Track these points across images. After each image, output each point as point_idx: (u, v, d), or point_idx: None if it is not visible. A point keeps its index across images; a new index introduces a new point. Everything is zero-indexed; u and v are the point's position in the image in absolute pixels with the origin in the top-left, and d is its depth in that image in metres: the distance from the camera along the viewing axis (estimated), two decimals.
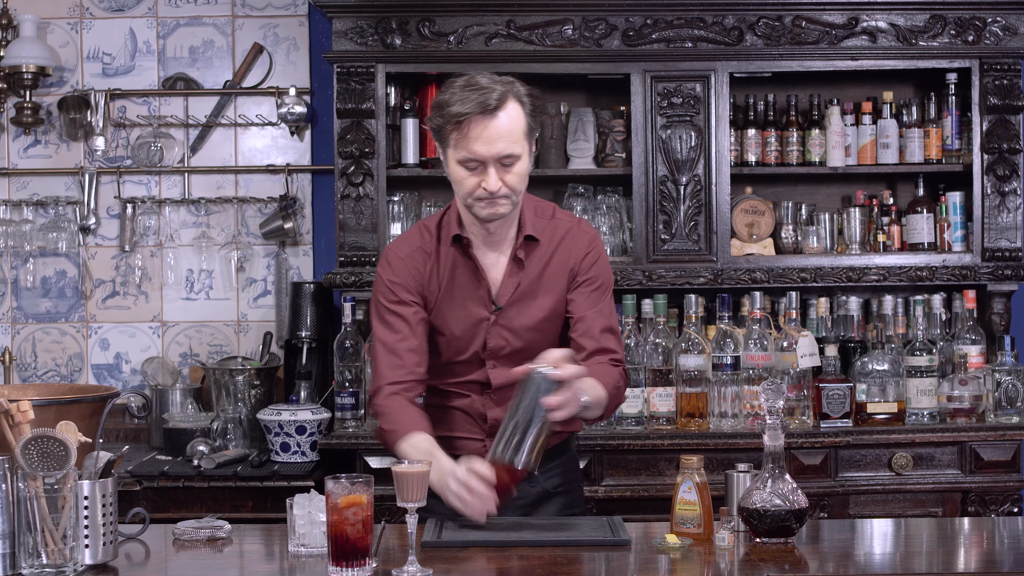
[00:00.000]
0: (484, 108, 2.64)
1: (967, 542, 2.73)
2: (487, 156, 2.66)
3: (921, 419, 4.02)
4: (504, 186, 2.68)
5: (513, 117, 2.67)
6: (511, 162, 2.67)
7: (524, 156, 2.70)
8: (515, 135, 2.67)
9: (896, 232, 4.30)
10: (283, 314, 4.45)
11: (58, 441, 2.30)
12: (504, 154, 2.66)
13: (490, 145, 2.65)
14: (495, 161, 2.66)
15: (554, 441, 2.83)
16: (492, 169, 2.67)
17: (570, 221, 2.88)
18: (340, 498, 2.30)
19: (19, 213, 4.54)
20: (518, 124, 2.68)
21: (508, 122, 2.66)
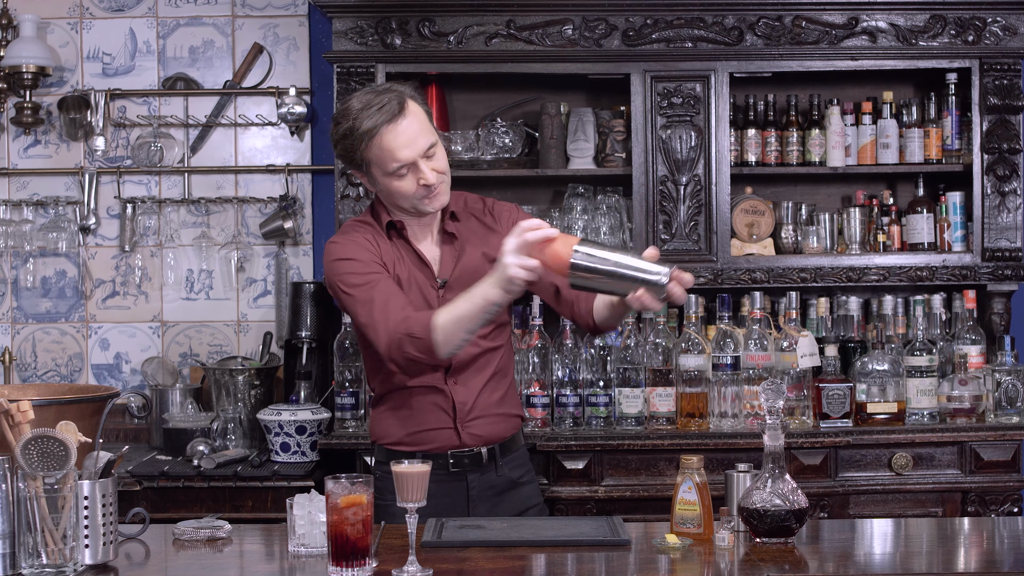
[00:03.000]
0: (390, 116, 2.76)
1: (967, 542, 2.73)
2: (413, 157, 2.78)
3: (921, 419, 4.02)
4: (437, 173, 2.81)
5: (416, 111, 2.81)
6: (433, 151, 2.80)
7: (438, 141, 2.84)
8: (425, 125, 2.81)
9: (896, 232, 4.30)
10: (283, 314, 4.45)
11: (58, 441, 2.30)
12: (425, 148, 2.78)
13: (412, 145, 2.78)
14: (423, 156, 2.79)
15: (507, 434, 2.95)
16: (422, 164, 2.79)
17: (483, 200, 3.01)
18: (340, 498, 2.30)
19: (19, 213, 4.54)
20: (422, 116, 2.82)
21: (417, 117, 2.80)
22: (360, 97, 2.82)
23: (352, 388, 4.03)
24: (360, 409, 4.04)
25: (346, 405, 4.03)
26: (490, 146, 4.29)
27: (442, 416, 2.90)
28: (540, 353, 3.97)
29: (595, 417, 3.97)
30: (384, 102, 2.77)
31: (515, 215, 2.99)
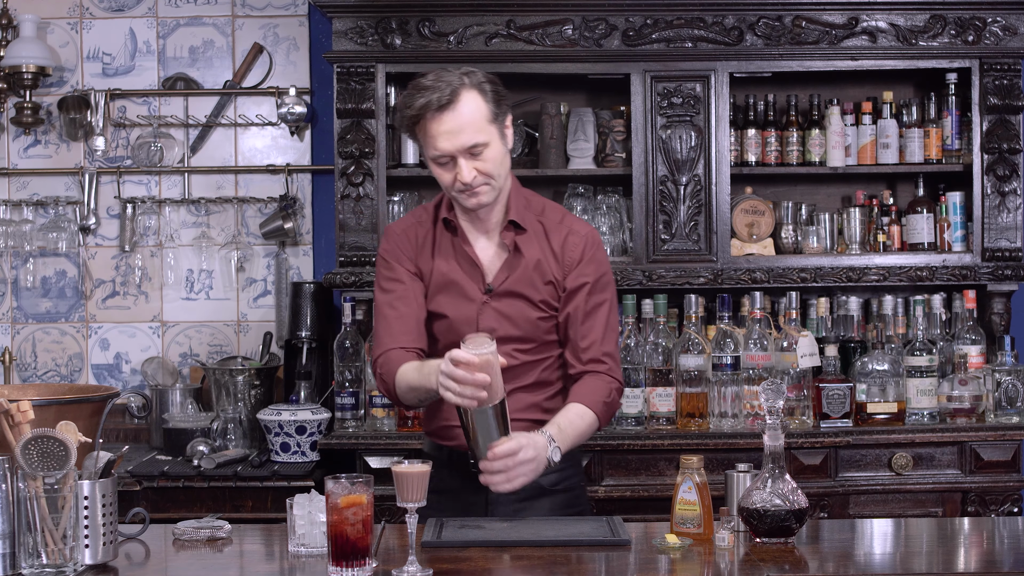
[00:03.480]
0: (438, 104, 2.68)
1: (967, 542, 2.73)
2: (452, 150, 2.71)
3: (921, 419, 4.02)
4: (479, 174, 2.73)
5: (471, 107, 2.71)
6: (480, 150, 2.72)
7: (494, 142, 2.74)
8: (477, 124, 2.71)
9: (896, 232, 4.30)
10: (283, 314, 4.45)
11: (58, 441, 2.30)
12: (469, 145, 2.70)
13: (453, 139, 2.70)
14: (463, 153, 2.71)
15: None
16: (462, 161, 2.72)
17: (561, 218, 2.89)
18: (340, 498, 2.30)
19: (19, 213, 4.54)
20: (478, 113, 2.71)
21: (467, 113, 2.70)
22: (426, 76, 2.74)
23: (352, 388, 4.03)
24: (360, 409, 4.04)
25: (346, 405, 4.02)
26: None
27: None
28: None
29: None
30: (441, 87, 2.69)
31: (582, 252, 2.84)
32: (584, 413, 2.76)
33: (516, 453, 2.59)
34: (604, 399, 2.79)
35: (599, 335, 2.83)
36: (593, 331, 2.83)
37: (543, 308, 2.85)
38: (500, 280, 2.84)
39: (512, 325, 2.83)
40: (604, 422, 2.82)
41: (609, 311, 2.87)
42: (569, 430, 2.72)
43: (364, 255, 4.12)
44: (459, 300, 2.85)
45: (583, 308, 2.83)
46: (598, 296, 2.86)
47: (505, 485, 2.60)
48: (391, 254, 2.90)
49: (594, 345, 2.83)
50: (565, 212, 2.93)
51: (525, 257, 2.84)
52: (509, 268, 2.84)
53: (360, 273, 4.11)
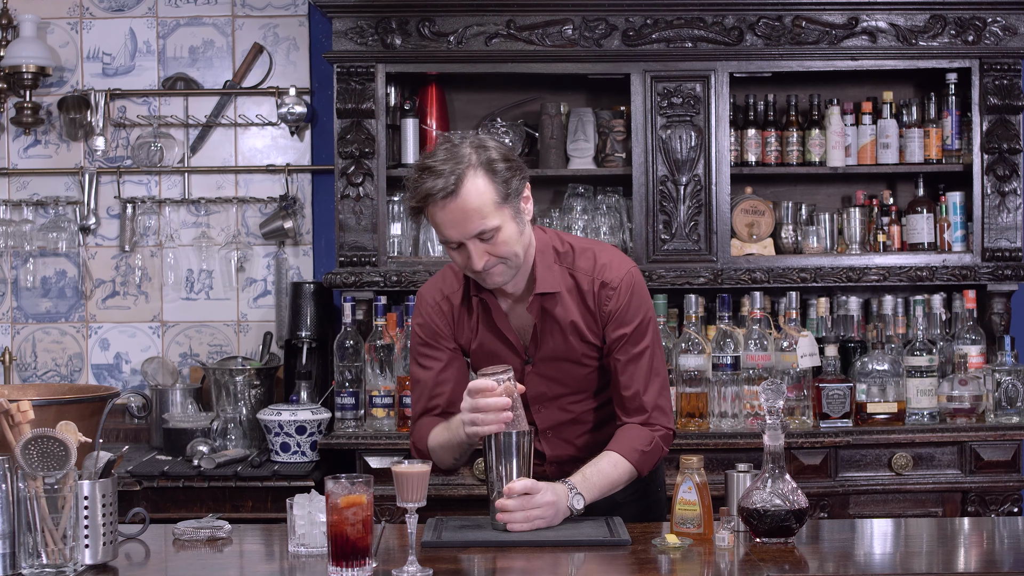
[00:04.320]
0: (443, 194, 2.54)
1: (967, 542, 2.73)
2: (461, 237, 2.59)
3: (921, 419, 4.02)
4: (492, 257, 2.62)
5: (477, 192, 2.56)
6: (490, 236, 2.58)
7: (506, 224, 2.60)
8: (484, 211, 2.56)
9: (896, 232, 4.30)
10: (283, 314, 4.45)
11: (58, 441, 2.30)
12: (475, 232, 2.57)
13: (460, 228, 2.58)
14: (471, 240, 2.59)
15: None
16: (471, 247, 2.60)
17: (593, 266, 2.75)
18: (340, 498, 2.30)
19: (19, 213, 4.54)
20: (484, 198, 2.56)
21: (473, 200, 2.55)
22: (428, 158, 2.60)
23: (352, 388, 4.03)
24: (360, 409, 4.03)
25: (346, 405, 4.02)
26: None
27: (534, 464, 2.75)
28: None
29: None
30: (445, 173, 2.54)
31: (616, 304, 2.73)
32: (617, 462, 2.70)
33: (534, 493, 2.55)
34: (642, 447, 2.71)
35: (641, 385, 2.74)
36: (635, 382, 2.74)
37: (587, 363, 2.79)
38: (535, 350, 2.78)
39: (560, 385, 2.80)
40: (643, 470, 2.73)
41: (652, 357, 2.76)
42: (595, 478, 2.67)
43: (364, 255, 4.12)
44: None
45: (623, 359, 2.75)
46: (637, 345, 2.75)
47: (522, 525, 2.55)
48: (427, 331, 2.82)
49: (636, 396, 2.74)
50: (597, 254, 2.77)
51: (559, 320, 2.75)
52: (543, 335, 2.76)
53: (360, 273, 4.11)
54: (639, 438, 2.73)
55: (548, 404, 2.82)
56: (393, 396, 3.99)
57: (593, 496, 2.66)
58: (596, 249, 2.80)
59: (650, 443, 2.73)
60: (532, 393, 2.79)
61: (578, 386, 2.81)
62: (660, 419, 2.76)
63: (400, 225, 4.25)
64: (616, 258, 2.79)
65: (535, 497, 2.55)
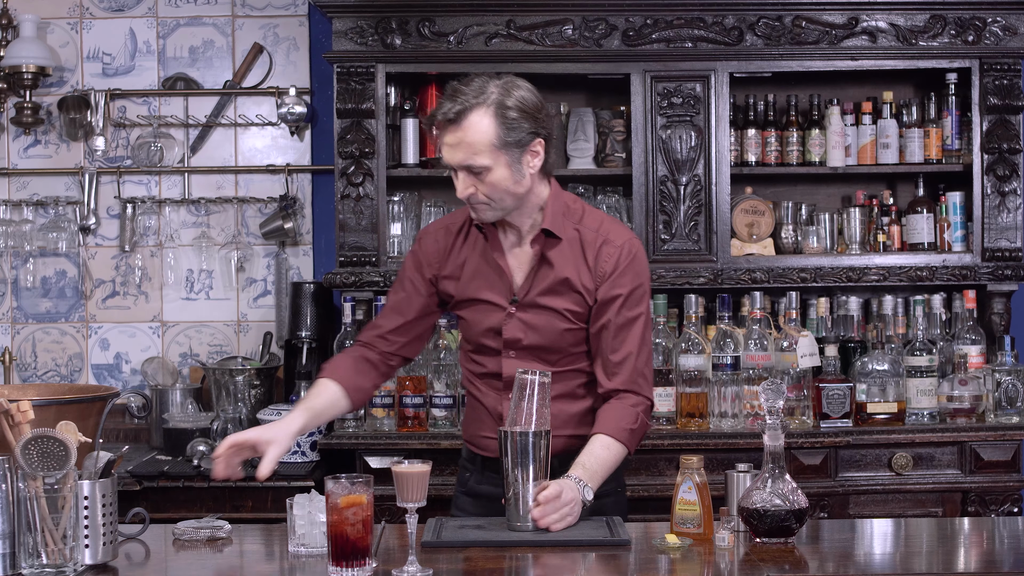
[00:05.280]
0: (445, 116, 2.66)
1: (967, 542, 2.73)
2: (451, 163, 2.69)
3: (921, 419, 4.02)
4: (478, 192, 2.69)
5: (476, 128, 2.65)
6: (479, 171, 2.67)
7: (498, 168, 2.66)
8: (476, 147, 2.65)
9: (896, 232, 4.30)
10: (283, 314, 4.45)
11: (58, 441, 2.30)
12: (464, 164, 2.67)
13: (451, 153, 2.68)
14: (461, 168, 2.68)
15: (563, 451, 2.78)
16: (460, 175, 2.69)
17: (599, 225, 2.82)
18: (340, 498, 2.30)
19: (19, 213, 4.54)
20: (482, 136, 2.65)
21: (471, 134, 2.65)
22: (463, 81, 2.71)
23: None
24: (360, 409, 4.03)
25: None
26: None
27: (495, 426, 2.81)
28: None
29: None
30: (458, 100, 2.66)
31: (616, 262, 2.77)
32: (610, 444, 2.71)
33: (559, 496, 2.57)
34: (629, 426, 2.73)
35: (632, 349, 2.77)
36: (625, 345, 2.76)
37: (570, 319, 2.80)
38: (525, 291, 2.81)
39: (537, 335, 2.81)
40: (632, 448, 2.76)
41: (644, 326, 2.80)
42: (595, 465, 2.68)
43: (364, 255, 4.12)
44: (485, 307, 2.84)
45: (615, 322, 2.77)
46: (632, 310, 2.78)
47: (560, 524, 2.57)
48: (414, 258, 2.92)
49: (627, 361, 2.77)
50: (605, 218, 2.86)
51: (555, 268, 2.79)
52: (536, 278, 2.80)
53: (360, 273, 4.11)
54: (625, 416, 2.73)
55: (521, 353, 2.81)
56: (393, 396, 3.99)
57: (597, 483, 2.67)
58: (604, 216, 2.88)
59: (635, 420, 2.75)
60: (508, 337, 2.81)
61: (554, 341, 2.80)
62: (644, 388, 2.79)
63: (400, 225, 4.25)
64: (621, 226, 2.88)
65: (561, 498, 2.57)
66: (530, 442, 2.57)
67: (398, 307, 2.91)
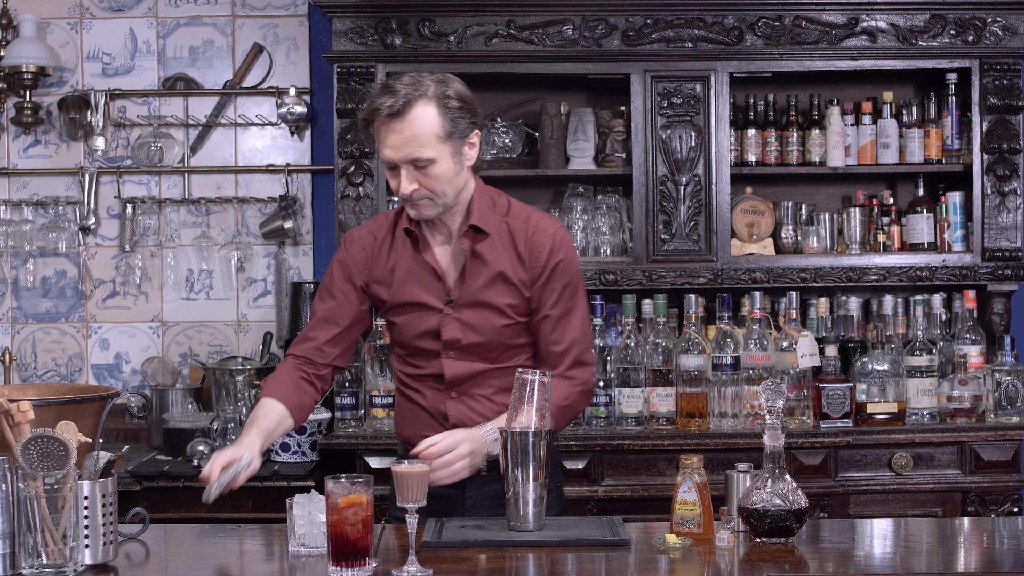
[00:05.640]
0: (389, 112, 2.64)
1: (967, 542, 2.73)
2: (394, 159, 2.67)
3: (921, 419, 4.02)
4: (421, 188, 2.69)
5: (421, 120, 2.64)
6: (424, 165, 2.66)
7: (443, 159, 2.67)
8: (423, 139, 2.64)
9: (896, 232, 4.30)
10: (283, 314, 4.45)
11: (58, 441, 2.30)
12: (411, 158, 2.65)
13: (396, 149, 2.66)
14: (404, 164, 2.67)
15: None
16: (403, 172, 2.68)
17: (528, 217, 2.82)
18: (340, 498, 2.30)
19: (19, 213, 4.54)
20: (427, 127, 2.65)
21: (417, 126, 2.64)
22: (401, 77, 2.69)
23: (352, 388, 4.03)
24: (360, 409, 4.04)
25: (346, 405, 4.02)
26: (490, 146, 4.29)
27: (436, 426, 2.84)
28: None
29: (595, 417, 3.97)
30: (399, 93, 2.64)
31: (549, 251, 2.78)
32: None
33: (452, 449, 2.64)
34: (561, 402, 2.73)
35: (575, 336, 2.80)
36: (567, 335, 2.79)
37: (508, 314, 2.80)
38: (460, 289, 2.80)
39: (476, 334, 2.80)
40: (560, 423, 2.77)
41: (583, 313, 2.84)
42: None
43: None
44: (420, 310, 2.82)
45: (555, 313, 2.79)
46: (571, 299, 2.81)
47: (447, 480, 2.65)
48: (343, 267, 2.88)
49: (570, 350, 2.80)
50: (532, 211, 2.86)
51: (488, 263, 2.78)
52: (470, 275, 2.79)
53: None
54: (559, 393, 2.72)
55: (460, 353, 2.81)
56: (393, 396, 3.98)
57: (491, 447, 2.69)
58: (530, 208, 2.88)
59: (568, 397, 2.76)
60: (447, 338, 2.80)
61: (493, 337, 2.79)
62: (585, 373, 2.81)
63: None
64: (548, 216, 2.88)
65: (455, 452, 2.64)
66: (530, 442, 2.57)
67: (330, 317, 2.88)
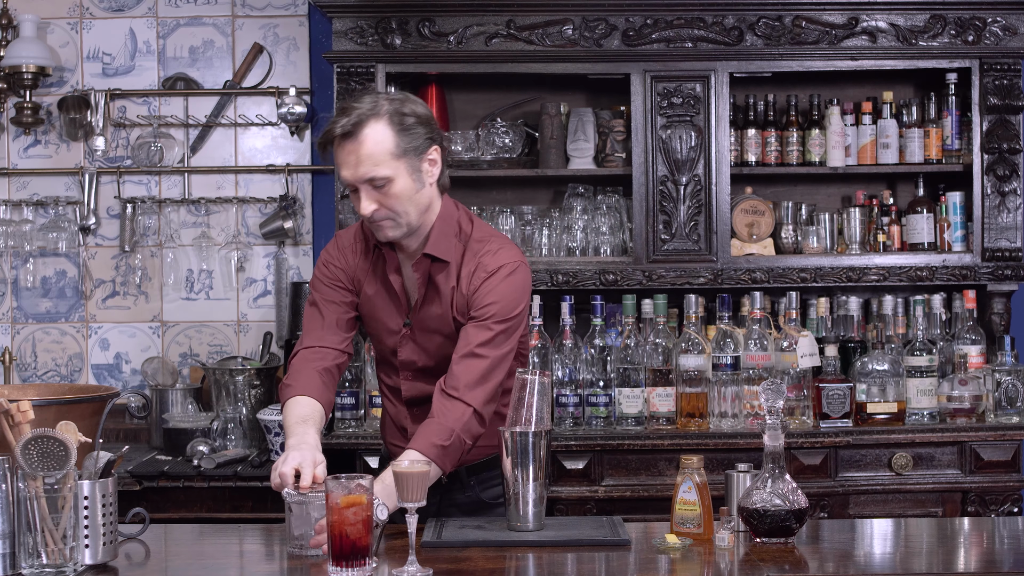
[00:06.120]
0: (342, 132, 2.62)
1: (967, 542, 2.73)
2: (351, 180, 2.65)
3: (921, 419, 4.02)
4: (381, 207, 2.65)
5: (374, 139, 2.62)
6: (382, 184, 2.63)
7: (400, 177, 2.64)
8: (376, 157, 2.62)
9: (896, 232, 4.30)
10: (283, 314, 4.45)
11: (58, 441, 2.30)
12: (367, 177, 2.63)
13: (352, 169, 2.64)
14: (362, 184, 2.64)
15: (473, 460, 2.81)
16: (362, 192, 2.65)
17: (482, 248, 2.75)
18: (340, 498, 2.30)
19: (19, 213, 4.54)
20: (380, 145, 2.62)
21: (369, 145, 2.62)
22: (354, 98, 2.71)
23: (352, 388, 4.03)
24: (360, 409, 4.03)
25: (346, 405, 4.02)
26: (490, 146, 4.29)
27: (401, 438, 2.87)
28: (540, 353, 3.97)
29: (595, 417, 3.97)
30: (351, 113, 2.63)
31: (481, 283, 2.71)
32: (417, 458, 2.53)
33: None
34: (442, 442, 2.60)
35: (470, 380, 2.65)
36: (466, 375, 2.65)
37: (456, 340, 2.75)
38: (416, 314, 2.80)
39: (429, 358, 2.81)
40: (442, 465, 2.61)
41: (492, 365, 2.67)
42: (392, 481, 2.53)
43: None
44: (383, 328, 2.84)
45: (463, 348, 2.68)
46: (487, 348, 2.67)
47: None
48: (329, 268, 2.86)
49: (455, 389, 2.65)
50: (489, 241, 2.77)
51: (440, 292, 2.76)
52: (426, 302, 2.78)
53: None
54: (436, 430, 2.62)
55: (417, 375, 2.82)
56: None
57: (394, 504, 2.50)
58: (498, 239, 2.80)
59: (448, 438, 2.60)
60: (403, 358, 2.81)
61: (445, 365, 2.73)
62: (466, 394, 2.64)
63: None
64: (509, 250, 2.77)
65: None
66: (530, 442, 2.57)
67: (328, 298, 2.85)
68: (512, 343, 2.73)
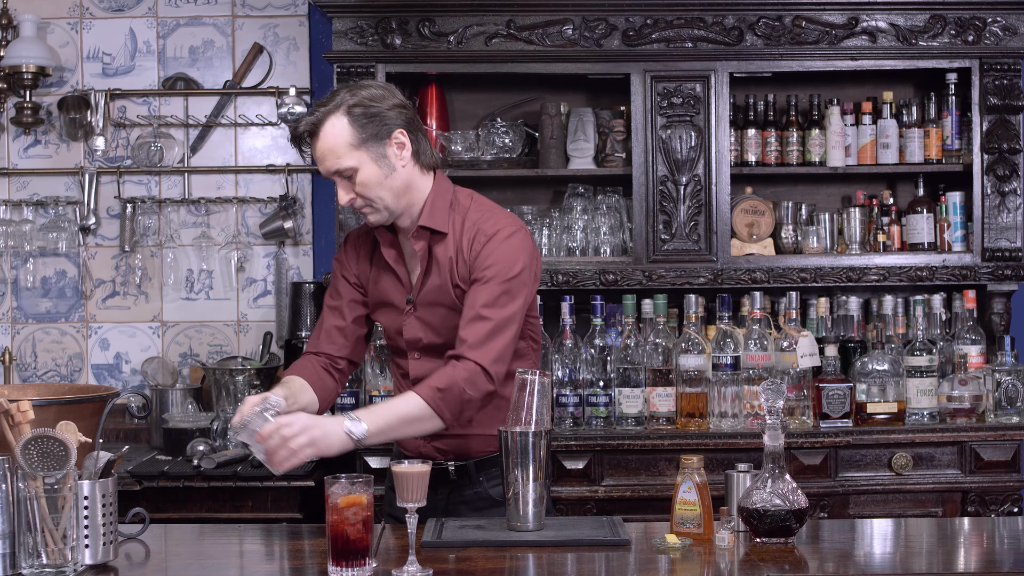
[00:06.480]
0: (305, 131, 2.73)
1: (967, 542, 2.73)
2: (324, 174, 2.76)
3: (921, 419, 4.02)
4: (357, 197, 2.74)
5: (331, 133, 2.70)
6: (349, 174, 2.72)
7: (365, 166, 2.71)
8: (338, 151, 2.70)
9: (896, 232, 4.30)
10: (283, 314, 4.45)
11: (58, 441, 2.30)
12: (334, 170, 2.73)
13: (321, 164, 2.75)
14: (333, 176, 2.75)
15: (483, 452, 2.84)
16: (339, 184, 2.75)
17: (479, 216, 2.78)
18: (340, 498, 2.31)
19: (19, 213, 4.54)
20: (338, 139, 2.70)
21: (328, 140, 2.71)
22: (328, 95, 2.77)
23: (352, 388, 4.03)
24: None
25: (346, 405, 4.03)
26: (490, 146, 4.29)
27: None
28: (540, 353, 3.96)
29: (595, 417, 3.97)
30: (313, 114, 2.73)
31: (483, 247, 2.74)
32: (409, 397, 2.64)
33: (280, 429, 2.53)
34: (439, 385, 2.63)
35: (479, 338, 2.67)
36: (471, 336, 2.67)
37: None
38: (419, 289, 2.82)
39: (435, 333, 2.81)
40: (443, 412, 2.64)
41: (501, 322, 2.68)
42: (381, 408, 2.65)
43: None
44: (389, 310, 2.88)
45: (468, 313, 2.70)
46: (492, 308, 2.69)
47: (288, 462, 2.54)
48: (340, 265, 2.97)
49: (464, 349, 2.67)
50: (486, 210, 2.81)
51: (441, 263, 2.79)
52: (428, 275, 2.81)
53: None
54: (438, 376, 2.65)
55: (423, 352, 2.83)
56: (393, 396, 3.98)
57: (378, 424, 2.59)
58: (498, 211, 2.83)
59: (447, 382, 2.62)
60: (409, 337, 2.83)
61: (452, 337, 2.74)
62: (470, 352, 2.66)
63: None
64: (508, 218, 2.81)
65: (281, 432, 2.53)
66: (530, 442, 2.57)
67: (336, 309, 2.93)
68: (517, 306, 2.72)
